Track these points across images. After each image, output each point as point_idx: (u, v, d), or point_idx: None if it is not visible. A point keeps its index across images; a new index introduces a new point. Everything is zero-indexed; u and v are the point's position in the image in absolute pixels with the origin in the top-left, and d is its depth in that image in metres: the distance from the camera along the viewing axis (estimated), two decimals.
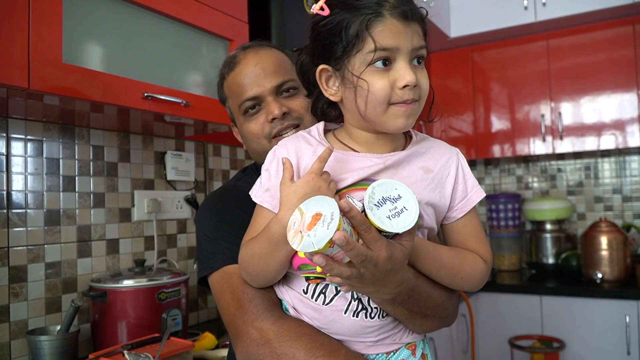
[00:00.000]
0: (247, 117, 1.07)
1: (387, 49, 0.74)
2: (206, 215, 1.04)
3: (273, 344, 0.82)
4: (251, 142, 1.08)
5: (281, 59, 1.08)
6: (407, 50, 0.75)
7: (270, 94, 1.04)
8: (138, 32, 1.34)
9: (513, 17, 2.77)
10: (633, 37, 2.64)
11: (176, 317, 1.51)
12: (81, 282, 1.56)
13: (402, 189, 0.71)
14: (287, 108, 1.04)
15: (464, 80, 3.11)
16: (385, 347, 0.85)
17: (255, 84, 1.04)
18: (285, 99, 1.06)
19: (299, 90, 1.06)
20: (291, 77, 1.06)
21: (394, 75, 0.75)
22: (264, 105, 1.05)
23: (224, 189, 1.13)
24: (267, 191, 0.85)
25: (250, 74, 1.05)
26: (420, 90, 0.77)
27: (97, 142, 1.64)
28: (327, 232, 0.63)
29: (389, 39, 0.74)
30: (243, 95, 1.05)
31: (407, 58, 0.75)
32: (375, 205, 0.69)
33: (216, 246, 0.97)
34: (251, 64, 1.05)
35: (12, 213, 1.41)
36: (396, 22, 0.74)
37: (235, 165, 2.19)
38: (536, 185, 3.26)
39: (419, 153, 0.84)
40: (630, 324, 2.34)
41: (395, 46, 0.74)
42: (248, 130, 1.07)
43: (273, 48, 1.10)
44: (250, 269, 0.84)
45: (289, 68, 1.08)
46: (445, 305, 0.89)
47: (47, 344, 1.29)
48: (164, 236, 1.86)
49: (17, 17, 1.04)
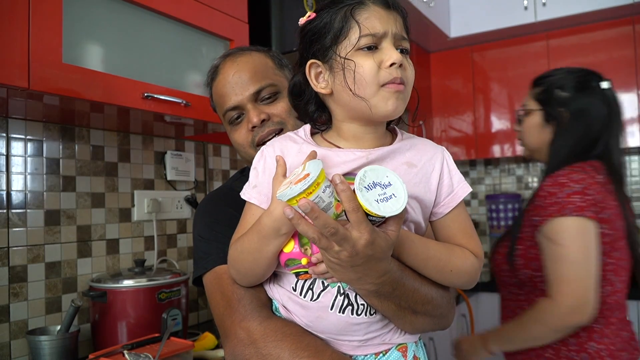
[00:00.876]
0: (232, 127, 1.08)
1: (373, 34, 0.77)
2: (201, 216, 1.05)
3: (259, 344, 0.83)
4: (239, 151, 1.10)
5: (259, 63, 1.07)
6: (392, 34, 0.78)
7: (249, 101, 1.04)
8: (138, 32, 1.34)
9: (513, 17, 2.77)
10: (633, 37, 2.64)
11: (176, 317, 1.51)
12: (81, 282, 1.56)
13: (393, 176, 0.72)
14: (266, 114, 1.04)
15: (464, 80, 3.11)
16: (374, 347, 0.85)
17: (233, 93, 1.05)
18: (265, 105, 1.05)
19: (280, 94, 1.07)
20: (270, 81, 1.06)
21: (380, 56, 0.77)
22: (245, 113, 1.06)
23: (221, 189, 1.13)
24: (254, 188, 0.86)
25: (230, 83, 1.05)
26: (406, 74, 0.79)
27: (97, 142, 1.64)
28: (296, 190, 0.67)
29: (374, 23, 0.77)
30: (225, 105, 1.06)
31: (392, 41, 0.78)
32: (365, 188, 0.70)
33: (210, 247, 0.98)
34: (229, 73, 1.06)
35: (12, 213, 1.41)
36: (379, 9, 0.78)
37: (235, 166, 2.19)
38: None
39: (404, 149, 0.85)
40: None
41: (380, 31, 0.77)
42: (234, 140, 1.09)
43: (253, 52, 1.10)
44: (238, 265, 0.85)
45: (269, 71, 1.08)
46: (435, 303, 0.87)
47: (47, 344, 1.29)
48: (164, 236, 1.86)
49: (17, 17, 1.04)
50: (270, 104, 1.06)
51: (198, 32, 1.50)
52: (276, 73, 1.10)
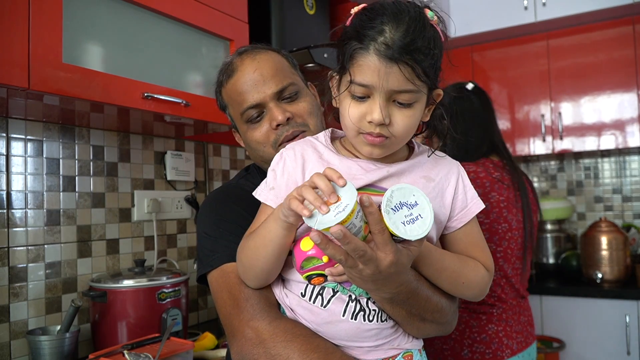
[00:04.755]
0: (250, 125, 1.04)
1: (363, 85, 0.75)
2: (207, 214, 1.03)
3: (268, 344, 0.82)
4: (256, 150, 1.06)
5: (279, 62, 1.05)
6: (383, 90, 0.74)
7: (271, 99, 1.01)
8: (138, 32, 1.34)
9: (513, 17, 2.77)
10: (633, 37, 2.64)
11: (176, 317, 1.51)
12: (81, 282, 1.56)
13: (420, 196, 0.72)
14: (290, 113, 1.01)
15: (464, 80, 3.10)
16: (384, 352, 0.85)
17: (255, 91, 1.01)
18: (287, 104, 1.03)
19: (300, 94, 1.05)
20: (291, 80, 1.04)
21: (365, 108, 0.76)
22: (267, 112, 1.02)
23: (226, 187, 1.11)
24: (271, 190, 0.86)
25: (249, 81, 1.02)
26: (393, 129, 0.76)
27: (97, 142, 1.64)
28: (332, 220, 0.66)
29: (366, 74, 0.74)
30: (244, 103, 1.02)
31: (381, 97, 0.74)
32: (392, 209, 0.70)
33: (215, 244, 0.96)
34: (249, 71, 1.02)
35: (12, 213, 1.41)
36: (377, 59, 0.73)
37: (235, 166, 2.19)
38: (536, 185, 3.26)
39: (421, 163, 0.86)
40: (630, 324, 2.34)
41: (370, 84, 0.74)
42: (252, 138, 1.04)
43: (269, 51, 1.07)
44: (249, 257, 0.84)
45: (288, 71, 1.06)
46: (444, 312, 0.89)
47: (47, 344, 1.29)
48: (164, 236, 1.86)
49: (17, 17, 1.04)
50: (292, 103, 1.03)
51: (198, 32, 1.50)
52: (293, 72, 1.08)
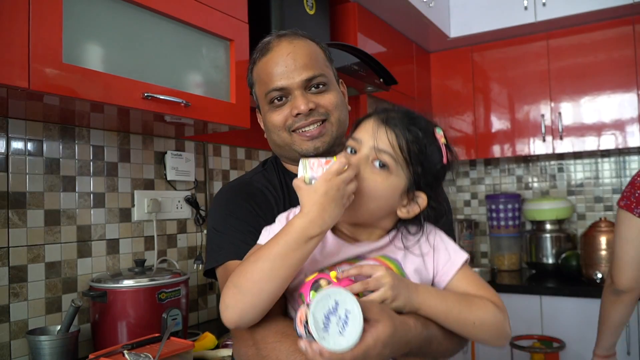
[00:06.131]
0: (272, 107, 1.04)
1: (354, 139, 0.87)
2: (216, 209, 1.04)
3: (259, 345, 0.83)
4: (272, 132, 1.06)
5: (314, 52, 1.04)
6: (367, 146, 0.84)
7: (298, 87, 1.01)
8: (138, 32, 1.34)
9: (513, 17, 2.77)
10: (633, 37, 2.64)
11: (176, 317, 1.51)
12: (81, 282, 1.56)
13: (335, 293, 0.70)
14: (314, 104, 1.01)
15: (464, 80, 3.11)
16: None
17: (285, 75, 1.00)
18: (313, 94, 1.02)
19: (329, 87, 1.04)
20: (322, 71, 1.03)
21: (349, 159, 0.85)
22: (291, 98, 1.02)
23: (239, 182, 1.10)
24: (270, 234, 0.88)
25: (281, 64, 1.01)
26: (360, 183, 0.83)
27: (97, 142, 1.64)
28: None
29: (359, 132, 0.87)
30: (270, 84, 1.02)
31: (364, 150, 0.84)
32: (323, 330, 0.68)
33: (222, 240, 0.97)
34: (283, 53, 1.01)
35: (12, 213, 1.41)
36: (372, 120, 0.87)
37: (236, 166, 2.19)
38: (536, 185, 3.26)
39: (398, 237, 0.89)
40: (630, 324, 2.34)
41: (359, 138, 0.86)
42: (270, 120, 1.04)
43: (308, 39, 1.06)
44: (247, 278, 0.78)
45: (322, 62, 1.05)
46: (455, 350, 0.89)
47: (47, 344, 1.29)
48: (164, 236, 1.86)
49: (17, 17, 1.04)
50: (318, 94, 1.03)
51: (198, 32, 1.50)
52: (327, 65, 1.07)
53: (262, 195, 1.03)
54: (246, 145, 2.22)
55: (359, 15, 2.33)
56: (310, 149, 1.02)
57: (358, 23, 2.31)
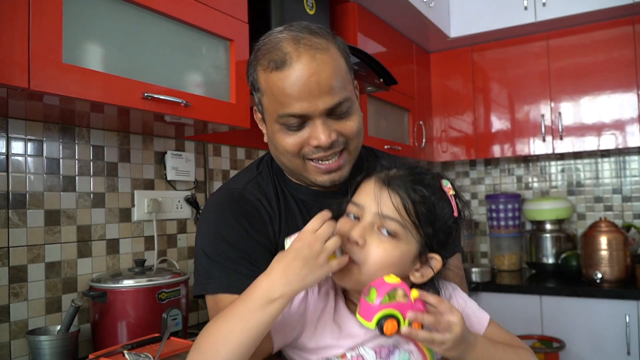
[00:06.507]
0: (283, 128, 0.92)
1: (355, 204, 0.82)
2: (206, 226, 0.97)
3: None
4: (281, 154, 0.95)
5: (339, 67, 0.90)
6: (369, 212, 0.79)
7: (320, 115, 0.88)
8: (138, 32, 1.34)
9: (513, 17, 2.77)
10: (633, 37, 2.64)
11: (176, 317, 1.51)
12: (81, 282, 1.56)
13: None
14: (336, 133, 0.90)
15: (464, 80, 3.11)
16: None
17: (306, 101, 0.86)
18: (335, 121, 0.91)
19: (351, 108, 0.92)
20: (347, 94, 0.90)
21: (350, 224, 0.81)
22: (310, 124, 0.90)
23: (231, 195, 1.00)
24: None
25: (303, 87, 0.86)
26: (365, 254, 0.78)
27: (97, 142, 1.64)
28: None
29: (359, 196, 0.83)
30: (287, 107, 0.88)
31: (367, 217, 0.79)
32: None
33: (212, 267, 0.93)
34: (305, 73, 0.85)
35: (12, 213, 1.41)
36: (373, 182, 0.82)
37: (235, 166, 2.19)
38: (536, 185, 3.26)
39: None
40: (630, 324, 2.34)
41: (360, 203, 0.81)
42: (281, 142, 0.93)
43: (330, 46, 0.90)
44: (205, 343, 0.73)
45: (346, 78, 0.92)
46: None
47: (47, 344, 1.29)
48: (164, 236, 1.86)
49: (17, 17, 1.04)
50: (340, 121, 0.91)
51: (198, 32, 1.50)
52: (349, 79, 0.94)
53: (255, 211, 0.96)
54: (246, 145, 2.22)
55: (359, 15, 2.33)
56: (327, 182, 0.94)
57: (358, 23, 2.31)
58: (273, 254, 0.94)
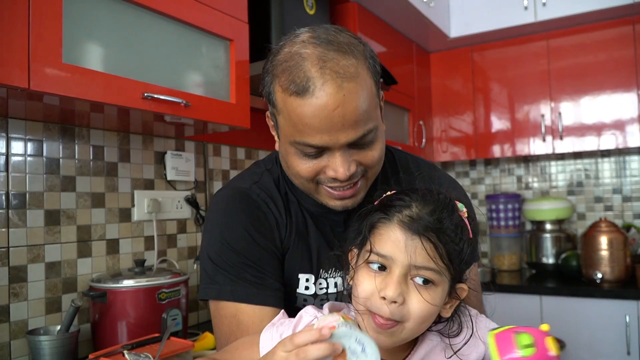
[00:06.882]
0: (298, 153, 0.85)
1: (381, 255, 0.72)
2: (212, 230, 0.95)
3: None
4: (292, 175, 0.91)
5: (367, 96, 0.82)
6: (400, 265, 0.70)
7: (341, 147, 0.82)
8: (138, 32, 1.34)
9: (513, 17, 2.77)
10: (633, 37, 2.64)
11: (176, 317, 1.51)
12: (81, 282, 1.56)
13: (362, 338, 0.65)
14: (355, 165, 0.84)
15: (464, 80, 3.11)
16: None
17: (327, 134, 0.79)
18: (356, 151, 0.84)
19: (375, 135, 0.85)
20: (374, 124, 0.83)
21: (380, 282, 0.71)
22: (328, 153, 0.83)
23: (239, 193, 0.96)
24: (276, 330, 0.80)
25: (324, 120, 0.78)
26: (406, 312, 0.71)
27: (97, 142, 1.64)
28: None
29: (385, 245, 0.72)
30: (304, 137, 0.81)
31: (399, 271, 0.71)
32: None
33: (216, 272, 0.93)
34: (329, 106, 0.77)
35: (12, 213, 1.41)
36: (399, 230, 0.71)
37: (235, 166, 2.19)
38: (536, 185, 3.26)
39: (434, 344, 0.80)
40: (630, 324, 2.34)
41: (388, 255, 0.71)
42: (293, 164, 0.87)
43: (359, 66, 0.81)
44: None
45: (373, 105, 0.84)
46: None
47: (47, 344, 1.29)
48: (164, 236, 1.86)
49: (17, 17, 1.04)
50: (362, 150, 0.85)
51: (198, 32, 1.50)
52: (376, 103, 0.86)
53: (262, 214, 0.94)
54: (246, 145, 2.22)
55: (359, 15, 2.33)
56: (338, 207, 0.89)
57: (358, 23, 2.31)
58: (279, 259, 0.94)
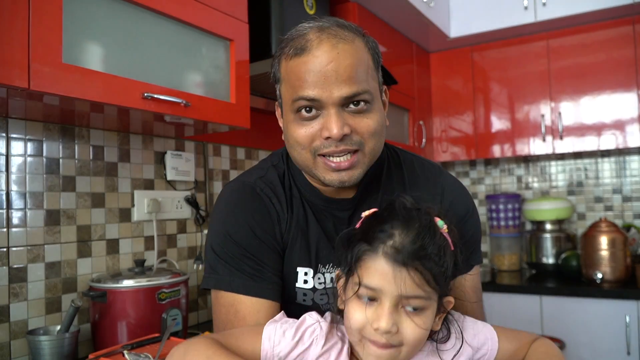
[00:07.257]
0: (297, 118, 0.88)
1: (370, 288, 0.73)
2: (217, 221, 0.98)
3: None
4: (291, 147, 0.93)
5: (362, 59, 0.87)
6: (390, 296, 0.72)
7: (334, 104, 0.85)
8: (138, 32, 1.34)
9: (513, 17, 2.77)
10: (633, 37, 2.64)
11: (176, 317, 1.51)
12: (81, 282, 1.56)
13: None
14: (349, 128, 0.86)
15: (464, 80, 3.11)
16: None
17: (320, 86, 0.84)
18: (350, 115, 0.86)
19: (371, 106, 0.88)
20: (367, 87, 0.86)
21: (372, 313, 0.73)
22: (323, 113, 0.86)
23: (244, 187, 0.99)
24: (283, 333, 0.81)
25: (319, 73, 0.84)
26: (401, 338, 0.73)
27: (97, 142, 1.64)
28: None
29: (373, 278, 0.73)
30: (300, 91, 0.86)
31: (389, 302, 0.72)
32: None
33: (217, 263, 0.95)
34: (323, 60, 0.83)
35: (12, 213, 1.41)
36: (385, 263, 0.72)
37: (235, 166, 2.19)
38: (536, 185, 3.26)
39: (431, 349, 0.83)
40: (630, 324, 2.34)
41: (378, 287, 0.72)
42: (293, 133, 0.90)
43: (356, 38, 0.87)
44: None
45: (369, 73, 0.88)
46: None
47: (47, 344, 1.29)
48: (164, 236, 1.86)
49: (17, 17, 1.04)
50: (357, 115, 0.87)
51: (198, 32, 1.50)
52: (374, 76, 0.90)
53: (264, 208, 0.96)
54: (246, 145, 2.22)
55: (359, 15, 2.33)
56: (335, 181, 0.89)
57: (358, 23, 2.30)
58: (279, 254, 0.96)
